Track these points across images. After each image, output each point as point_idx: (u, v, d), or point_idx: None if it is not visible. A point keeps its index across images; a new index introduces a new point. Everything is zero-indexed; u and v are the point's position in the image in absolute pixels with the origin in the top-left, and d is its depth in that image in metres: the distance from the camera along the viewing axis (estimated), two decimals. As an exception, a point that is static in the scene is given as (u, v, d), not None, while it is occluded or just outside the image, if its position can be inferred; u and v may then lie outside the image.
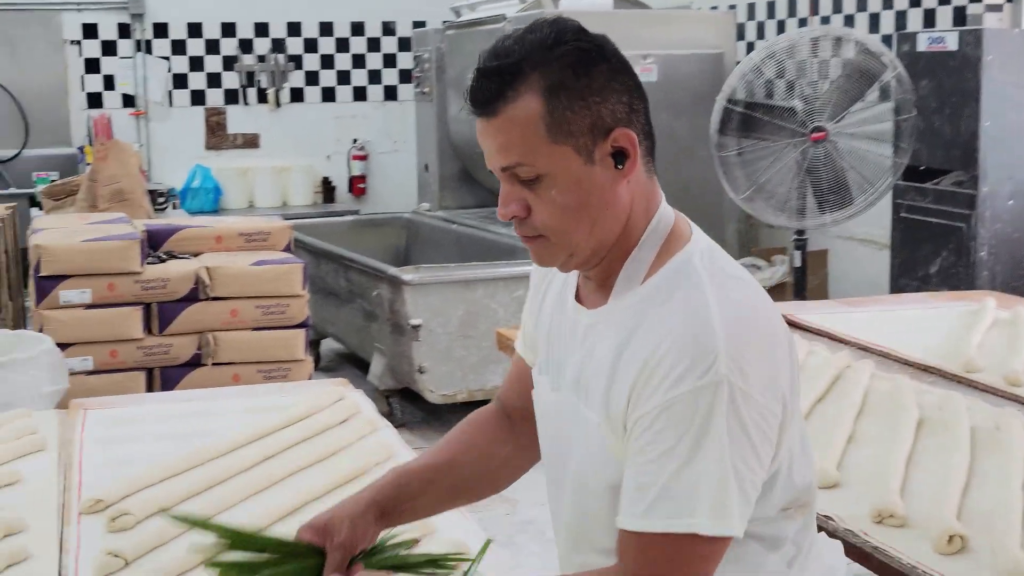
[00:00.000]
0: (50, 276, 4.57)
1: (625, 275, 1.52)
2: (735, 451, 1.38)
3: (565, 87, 1.44)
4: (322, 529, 1.60)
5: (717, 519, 1.38)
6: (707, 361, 1.38)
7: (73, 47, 8.69)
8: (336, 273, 6.49)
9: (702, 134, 5.77)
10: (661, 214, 1.54)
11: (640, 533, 1.41)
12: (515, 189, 1.49)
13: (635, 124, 1.48)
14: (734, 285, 1.47)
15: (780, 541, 1.54)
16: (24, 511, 2.23)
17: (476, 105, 1.47)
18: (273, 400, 2.99)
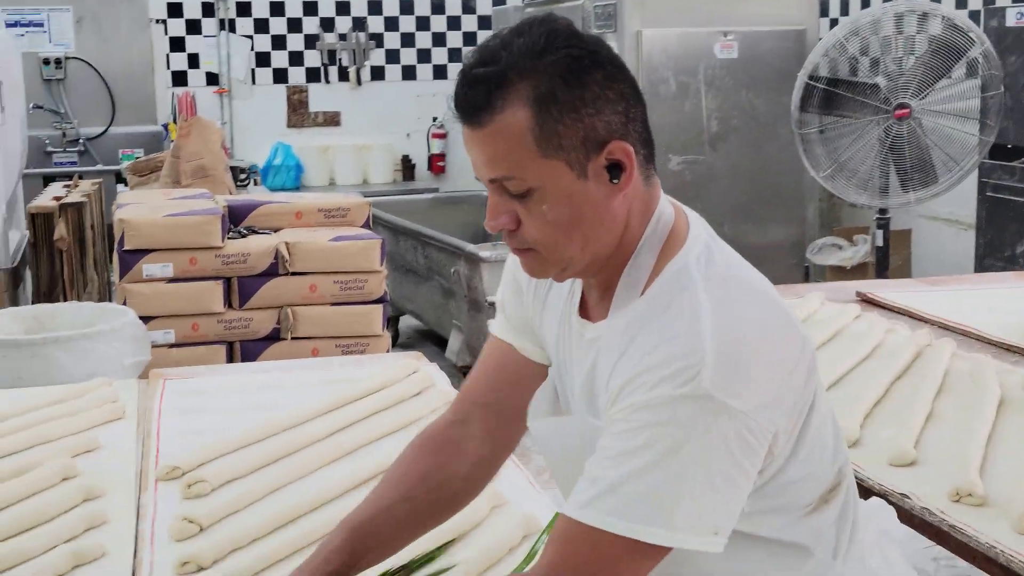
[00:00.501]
0: (133, 250, 4.63)
1: (624, 284, 1.45)
2: (710, 466, 1.31)
3: (555, 99, 1.36)
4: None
5: (669, 529, 1.31)
6: (690, 372, 1.31)
7: (159, 26, 8.81)
8: (415, 250, 6.52)
9: (783, 112, 5.70)
10: (659, 215, 1.46)
11: (574, 522, 1.34)
12: (504, 201, 1.41)
13: (631, 134, 1.40)
14: (731, 288, 1.40)
15: (818, 538, 1.48)
16: (103, 477, 2.27)
17: (462, 113, 1.39)
18: (348, 372, 3.01)
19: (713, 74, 6.26)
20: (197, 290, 4.69)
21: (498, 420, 1.69)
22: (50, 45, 8.52)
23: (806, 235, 6.50)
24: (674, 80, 6.22)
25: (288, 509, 2.08)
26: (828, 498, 1.48)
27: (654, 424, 1.31)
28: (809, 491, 1.46)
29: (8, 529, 2.01)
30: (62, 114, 8.50)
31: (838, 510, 1.50)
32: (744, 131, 6.33)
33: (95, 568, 1.90)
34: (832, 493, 1.49)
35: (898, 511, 2.12)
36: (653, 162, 1.47)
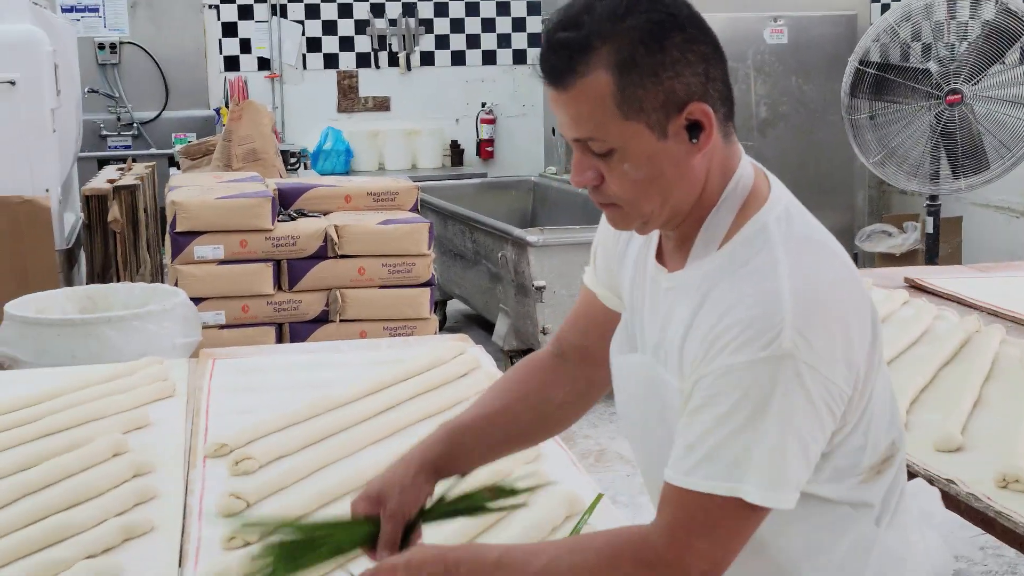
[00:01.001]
0: (185, 232, 4.69)
1: (702, 239, 1.49)
2: (795, 425, 1.37)
3: (636, 63, 1.39)
4: (375, 499, 1.62)
5: (765, 489, 1.38)
6: (771, 333, 1.35)
7: (211, 11, 8.87)
8: (463, 235, 6.54)
9: (833, 97, 5.67)
10: (740, 175, 1.50)
11: (683, 489, 1.40)
12: (587, 159, 1.46)
13: (711, 94, 1.43)
14: (810, 250, 1.44)
15: (868, 502, 1.53)
16: (153, 453, 2.31)
17: (547, 76, 1.44)
18: (395, 353, 3.04)
19: (762, 59, 6.23)
20: (247, 272, 4.75)
21: (588, 362, 1.77)
22: (105, 30, 8.61)
23: (855, 222, 6.47)
24: (724, 65, 6.20)
25: (333, 486, 2.11)
26: (881, 468, 1.53)
27: (740, 387, 1.37)
28: (866, 458, 1.50)
29: (61, 503, 2.05)
30: (116, 98, 8.59)
31: (888, 481, 1.55)
32: (793, 117, 6.30)
33: (144, 542, 1.94)
34: (885, 464, 1.53)
35: (944, 497, 2.11)
36: (732, 119, 1.50)
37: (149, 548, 1.92)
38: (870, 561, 1.55)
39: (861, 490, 1.52)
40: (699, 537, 1.40)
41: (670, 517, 1.42)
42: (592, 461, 4.97)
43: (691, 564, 1.40)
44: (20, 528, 1.96)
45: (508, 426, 1.74)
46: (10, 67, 4.63)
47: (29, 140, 4.68)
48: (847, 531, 1.53)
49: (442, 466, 1.67)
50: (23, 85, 4.63)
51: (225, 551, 1.89)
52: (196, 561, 1.87)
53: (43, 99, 4.71)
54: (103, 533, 1.92)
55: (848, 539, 1.53)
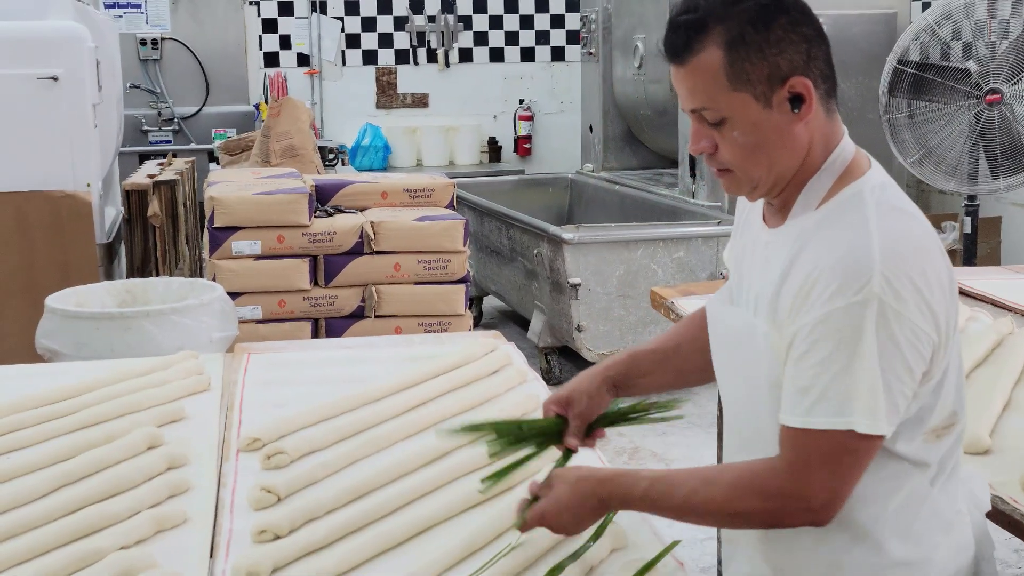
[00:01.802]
0: (223, 227, 4.74)
1: (802, 200, 1.66)
2: (886, 362, 1.52)
3: (745, 41, 1.58)
4: (565, 401, 1.94)
5: (871, 419, 1.53)
6: (862, 280, 1.52)
7: (252, 8, 8.94)
8: (499, 231, 6.56)
9: (872, 96, 5.63)
10: (841, 149, 1.66)
11: (801, 429, 1.56)
12: (703, 128, 1.65)
13: (812, 71, 1.61)
14: (899, 216, 1.60)
15: (926, 461, 1.66)
16: (187, 446, 2.34)
17: (668, 54, 1.64)
18: (427, 349, 3.06)
19: (801, 57, 6.20)
20: (284, 267, 4.79)
21: None
22: (147, 26, 8.70)
23: (894, 221, 6.42)
24: (761, 63, 6.17)
25: (364, 481, 2.13)
26: (941, 433, 1.66)
27: (839, 331, 1.53)
28: (932, 419, 1.64)
29: (96, 494, 2.08)
30: (158, 94, 8.68)
31: (946, 447, 1.68)
32: (833, 115, 6.26)
33: (176, 533, 1.97)
34: (946, 430, 1.67)
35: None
36: (835, 96, 1.68)
37: (181, 540, 1.95)
38: (919, 516, 1.67)
39: (923, 449, 1.65)
40: (819, 469, 1.56)
41: (792, 455, 1.58)
42: (626, 459, 4.98)
43: (813, 495, 1.57)
44: (57, 518, 1.99)
45: (678, 363, 2.00)
46: (52, 63, 4.69)
47: (71, 135, 4.73)
48: (903, 485, 1.65)
49: (620, 383, 1.96)
50: (65, 81, 4.68)
51: (255, 544, 1.92)
52: (227, 553, 1.89)
53: (85, 95, 4.77)
54: (136, 524, 1.95)
55: (903, 493, 1.66)
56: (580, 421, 1.94)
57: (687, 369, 2.01)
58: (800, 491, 1.57)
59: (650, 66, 7.20)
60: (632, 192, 7.20)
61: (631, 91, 7.59)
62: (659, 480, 1.71)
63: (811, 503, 1.57)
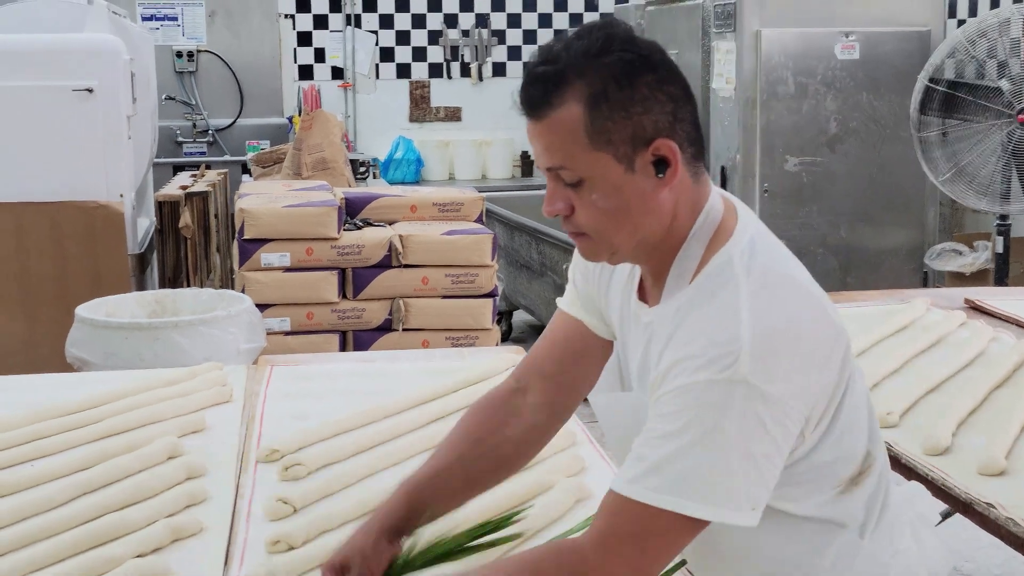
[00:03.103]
0: (252, 239, 4.78)
1: (675, 274, 1.56)
2: (747, 445, 1.42)
3: (607, 97, 1.47)
4: (339, 567, 1.67)
5: (710, 505, 1.42)
6: (729, 359, 1.41)
7: (287, 21, 9.02)
8: (529, 246, 6.58)
9: (905, 114, 5.63)
10: (708, 209, 1.56)
11: (623, 497, 1.45)
12: (559, 188, 1.53)
13: (678, 133, 1.50)
14: (771, 283, 1.49)
15: (846, 517, 1.58)
16: (207, 456, 2.37)
17: (524, 107, 1.52)
18: (450, 364, 3.08)
19: (833, 75, 6.19)
20: (313, 280, 4.82)
21: (556, 390, 1.80)
22: (183, 38, 8.79)
23: (926, 240, 6.40)
24: (793, 80, 6.17)
25: (379, 494, 2.13)
26: (858, 480, 1.58)
27: (695, 407, 1.42)
28: (839, 472, 1.56)
29: (116, 502, 2.11)
30: (193, 105, 8.76)
31: (869, 491, 1.60)
32: (864, 133, 6.24)
33: (192, 542, 2.00)
34: (862, 476, 1.58)
35: (984, 521, 2.11)
36: (702, 159, 1.57)
37: (197, 549, 1.98)
38: (854, 569, 1.59)
39: (840, 503, 1.57)
40: (630, 545, 1.45)
41: (603, 524, 1.48)
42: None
43: (615, 570, 1.45)
44: (76, 525, 2.02)
45: (465, 475, 1.78)
46: (88, 75, 4.74)
47: (105, 146, 4.78)
48: (830, 545, 1.58)
49: (403, 527, 1.73)
50: (100, 93, 4.74)
51: (269, 554, 1.94)
52: (241, 562, 1.92)
53: (119, 106, 4.82)
54: (153, 533, 1.98)
55: (833, 551, 1.58)
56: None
57: (478, 479, 1.81)
58: (601, 564, 1.45)
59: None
60: (663, 208, 7.20)
61: (663, 107, 7.59)
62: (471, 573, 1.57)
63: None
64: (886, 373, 2.88)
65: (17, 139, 4.70)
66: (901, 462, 2.37)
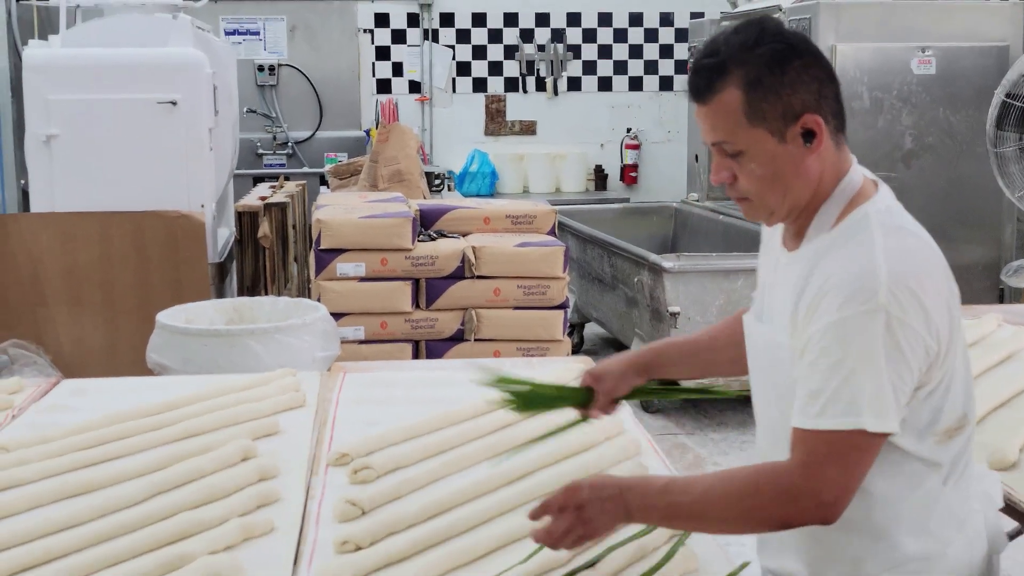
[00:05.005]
0: (329, 249, 4.86)
1: (815, 224, 1.81)
2: (892, 366, 1.66)
3: (762, 83, 1.74)
4: (596, 377, 2.18)
5: (878, 419, 1.66)
6: (869, 292, 1.66)
7: (366, 35, 9.15)
8: (601, 259, 6.61)
9: (982, 129, 5.57)
10: (850, 178, 1.81)
11: (813, 430, 1.69)
12: (724, 160, 1.81)
13: (823, 108, 1.76)
14: (903, 235, 1.74)
15: (938, 462, 1.79)
16: (279, 459, 2.44)
17: (692, 94, 1.81)
18: (517, 374, 3.11)
19: (909, 90, 6.16)
20: (387, 290, 4.90)
21: None
22: (265, 52, 8.96)
23: (1002, 256, 6.33)
24: (868, 95, 6.14)
25: (445, 498, 2.20)
26: (952, 434, 1.79)
27: (847, 338, 1.67)
28: (942, 421, 1.77)
29: (191, 501, 2.18)
30: (273, 118, 8.91)
31: (958, 447, 1.81)
32: (940, 148, 6.20)
33: (263, 541, 2.06)
34: (956, 431, 1.80)
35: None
36: (844, 131, 1.82)
37: (267, 548, 2.04)
38: (934, 514, 1.80)
39: (935, 450, 1.78)
40: (830, 467, 1.68)
41: (804, 454, 1.70)
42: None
43: (823, 491, 1.68)
44: (153, 523, 2.10)
45: (709, 357, 2.19)
46: (172, 88, 4.87)
47: (187, 158, 4.90)
48: (919, 485, 1.79)
49: (649, 368, 2.19)
50: (183, 105, 4.86)
51: (337, 554, 2.00)
52: (310, 562, 1.97)
53: (201, 119, 4.93)
54: (226, 531, 2.04)
55: (919, 493, 1.79)
56: (605, 397, 2.17)
57: (718, 360, 2.19)
58: (812, 488, 1.68)
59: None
60: (736, 222, 7.18)
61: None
62: (677, 479, 1.84)
63: (822, 498, 1.68)
64: (954, 388, 2.87)
65: (102, 150, 4.83)
66: (966, 477, 2.37)
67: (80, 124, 4.81)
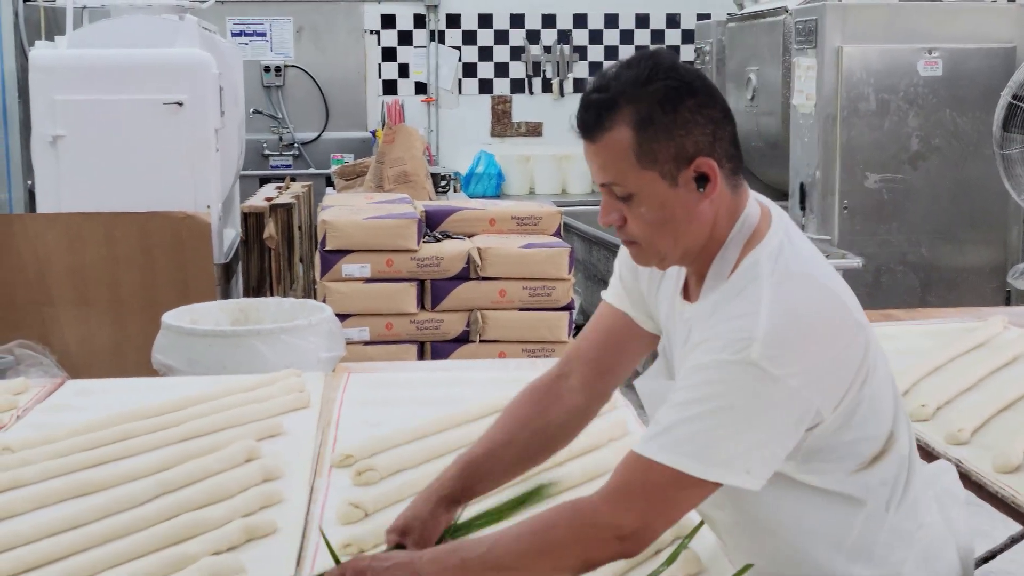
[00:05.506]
0: (334, 250, 4.86)
1: (712, 274, 1.74)
2: (748, 421, 1.60)
3: (653, 122, 1.64)
4: (401, 530, 1.89)
5: (704, 466, 1.60)
6: (743, 344, 1.60)
7: (372, 36, 9.15)
8: (607, 260, 6.61)
9: (988, 131, 5.55)
10: (745, 217, 1.74)
11: (640, 457, 1.63)
12: (612, 202, 1.71)
13: (718, 151, 1.68)
14: (793, 283, 1.67)
15: (869, 491, 1.75)
16: (283, 460, 2.44)
17: (580, 130, 1.71)
18: (523, 374, 3.10)
19: (915, 92, 6.14)
20: (392, 291, 4.90)
21: (596, 375, 1.99)
22: (271, 53, 8.96)
23: (1008, 259, 6.31)
24: (874, 97, 6.13)
25: (448, 500, 2.20)
26: (881, 457, 1.75)
27: (709, 383, 1.62)
28: (862, 451, 1.73)
29: (193, 502, 2.19)
30: (279, 119, 8.92)
31: (892, 469, 1.76)
32: (947, 150, 6.18)
33: (266, 542, 2.06)
34: (884, 454, 1.75)
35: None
36: (740, 173, 1.74)
37: (270, 549, 2.04)
38: (879, 540, 1.76)
39: (861, 479, 1.74)
40: (638, 499, 1.62)
41: (616, 481, 1.66)
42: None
43: (624, 522, 1.62)
44: (156, 523, 2.10)
45: (514, 454, 1.98)
46: (178, 89, 4.88)
47: (193, 158, 4.91)
48: (855, 519, 1.75)
49: (458, 496, 1.94)
50: (189, 106, 4.87)
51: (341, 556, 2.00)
52: (313, 564, 1.97)
53: (207, 119, 4.94)
54: (229, 532, 2.04)
55: (857, 525, 1.75)
56: (418, 548, 1.86)
57: (526, 456, 2.00)
58: (612, 517, 1.62)
59: (762, 98, 7.19)
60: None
61: (743, 123, 7.57)
62: (471, 538, 1.79)
63: (621, 531, 1.62)
64: (960, 390, 2.87)
65: (108, 151, 4.84)
66: (971, 479, 2.37)
67: (86, 125, 4.82)
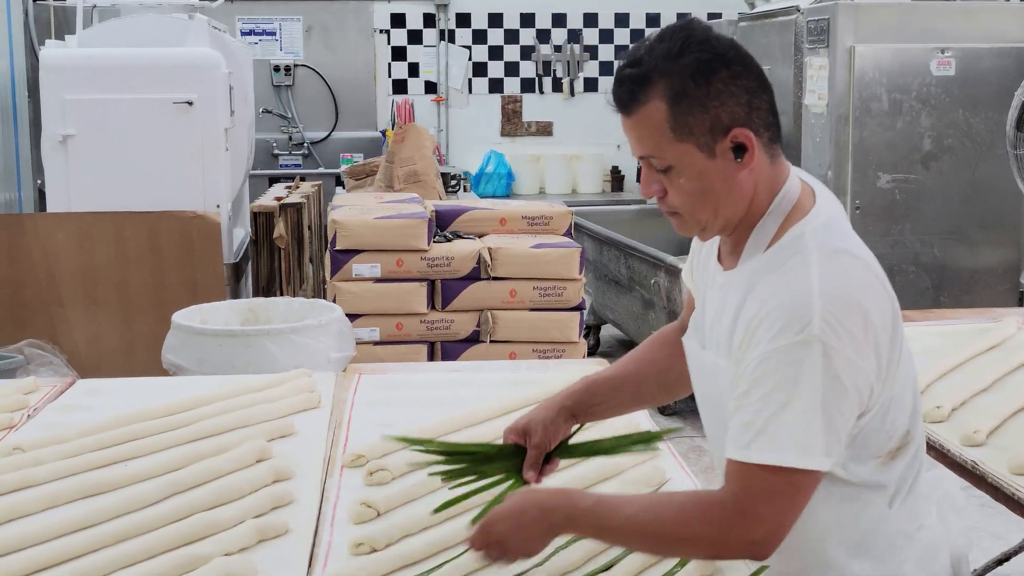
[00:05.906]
0: (344, 250, 4.86)
1: (751, 243, 1.75)
2: (828, 399, 1.60)
3: (687, 94, 1.66)
4: (522, 431, 2.00)
5: (806, 456, 1.60)
6: (803, 322, 1.60)
7: (382, 36, 9.15)
8: (618, 260, 6.59)
9: (1002, 131, 5.53)
10: (786, 190, 1.75)
11: (743, 463, 1.63)
12: (652, 174, 1.74)
13: (754, 121, 1.69)
14: (839, 258, 1.67)
15: (882, 484, 1.76)
16: (294, 461, 2.43)
17: (616, 105, 1.72)
18: (533, 375, 3.10)
19: (928, 91, 6.12)
20: (402, 291, 4.89)
21: None
22: (281, 53, 8.97)
23: (1022, 260, 6.28)
24: (887, 97, 6.11)
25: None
26: (896, 454, 1.76)
27: (780, 369, 1.61)
28: (882, 444, 1.74)
29: (205, 502, 2.17)
30: (289, 119, 8.92)
31: (901, 468, 1.78)
32: (959, 150, 6.15)
33: (278, 543, 2.05)
34: (900, 451, 1.76)
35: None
36: (779, 141, 1.75)
37: (282, 549, 2.02)
38: (881, 536, 1.77)
39: (878, 472, 1.75)
40: (761, 504, 1.62)
41: (736, 487, 1.65)
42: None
43: (754, 528, 1.62)
44: (167, 524, 2.09)
45: (636, 388, 2.10)
46: (188, 88, 4.88)
47: (202, 158, 4.91)
48: (862, 510, 1.76)
49: (578, 412, 2.03)
50: (199, 105, 4.87)
51: (352, 556, 1.99)
52: (325, 563, 1.96)
53: (217, 119, 4.94)
54: (240, 533, 2.03)
55: (866, 516, 1.76)
56: (537, 451, 1.99)
57: (644, 393, 2.12)
58: (743, 524, 1.62)
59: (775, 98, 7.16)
60: (753, 224, 7.17)
61: (755, 122, 7.56)
62: (606, 498, 1.78)
63: (752, 536, 1.62)
64: (975, 391, 2.85)
65: (118, 150, 4.84)
66: (987, 481, 2.35)
67: (96, 124, 4.82)
